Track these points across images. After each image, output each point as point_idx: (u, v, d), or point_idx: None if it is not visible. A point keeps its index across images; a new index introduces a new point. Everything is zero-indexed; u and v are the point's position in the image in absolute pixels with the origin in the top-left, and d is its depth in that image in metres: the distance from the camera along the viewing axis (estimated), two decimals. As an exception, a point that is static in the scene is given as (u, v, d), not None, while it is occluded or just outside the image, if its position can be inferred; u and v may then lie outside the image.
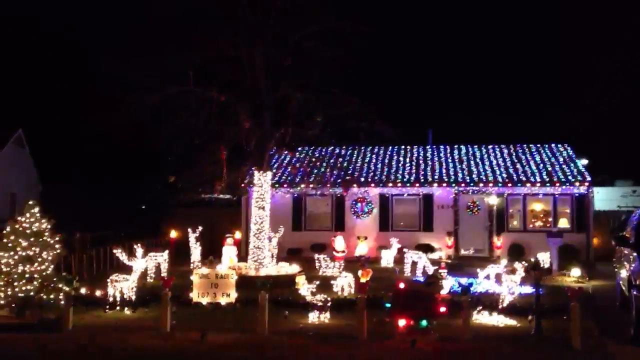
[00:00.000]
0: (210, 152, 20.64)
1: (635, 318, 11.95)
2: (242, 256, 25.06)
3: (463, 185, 28.04)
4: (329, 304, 13.22)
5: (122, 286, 14.93)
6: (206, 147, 20.41)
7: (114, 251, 17.75)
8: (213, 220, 30.21)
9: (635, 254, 12.79)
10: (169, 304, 12.75)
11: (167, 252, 20.67)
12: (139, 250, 17.70)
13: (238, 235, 26.97)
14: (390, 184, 28.44)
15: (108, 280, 15.05)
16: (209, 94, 20.24)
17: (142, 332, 12.47)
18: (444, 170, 29.24)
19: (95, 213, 36.52)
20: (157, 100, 20.15)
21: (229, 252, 22.01)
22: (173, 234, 27.59)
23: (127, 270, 16.74)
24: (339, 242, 24.29)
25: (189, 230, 23.24)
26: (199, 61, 20.40)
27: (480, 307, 13.09)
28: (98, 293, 14.39)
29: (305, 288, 14.53)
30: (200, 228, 23.23)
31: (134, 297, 14.34)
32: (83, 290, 14.40)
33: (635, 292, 12.03)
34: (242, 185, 21.47)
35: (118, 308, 13.73)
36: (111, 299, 14.09)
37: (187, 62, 20.06)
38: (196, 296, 12.99)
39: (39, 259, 13.60)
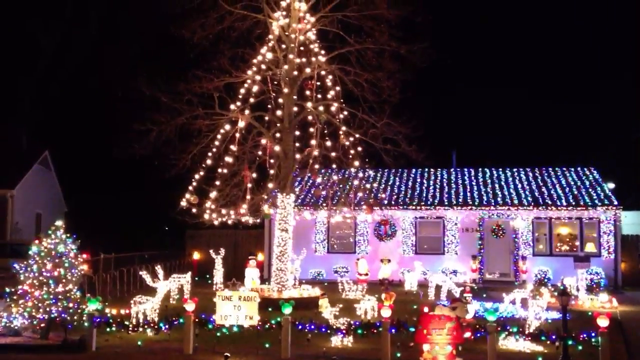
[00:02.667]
0: (233, 174, 20.74)
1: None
2: (265, 278, 25.02)
3: (488, 208, 27.77)
4: (352, 328, 13.08)
5: (145, 307, 14.96)
6: (230, 168, 20.51)
7: (140, 273, 17.81)
8: (236, 241, 30.29)
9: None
10: (191, 326, 12.73)
11: (189, 273, 20.69)
12: (160, 271, 17.72)
13: (261, 257, 26.96)
14: (414, 207, 28.28)
15: (131, 301, 15.10)
16: (234, 116, 20.41)
17: (165, 354, 12.46)
18: (468, 194, 29.02)
19: (120, 234, 36.80)
20: (184, 121, 20.41)
21: (251, 274, 21.97)
22: (196, 255, 27.68)
23: (151, 291, 16.78)
24: (362, 265, 24.14)
25: (211, 251, 23.27)
26: (225, 84, 20.67)
27: (507, 333, 12.85)
28: (122, 314, 14.42)
29: (328, 311, 14.45)
30: (223, 250, 23.26)
31: (156, 319, 14.35)
32: (107, 312, 14.45)
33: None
34: (266, 206, 21.44)
35: (141, 329, 13.72)
36: (134, 320, 14.11)
37: (213, 85, 20.31)
38: (219, 318, 12.95)
39: (64, 280, 13.68)
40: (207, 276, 24.42)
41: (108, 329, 13.47)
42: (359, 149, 21.21)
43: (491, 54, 62.35)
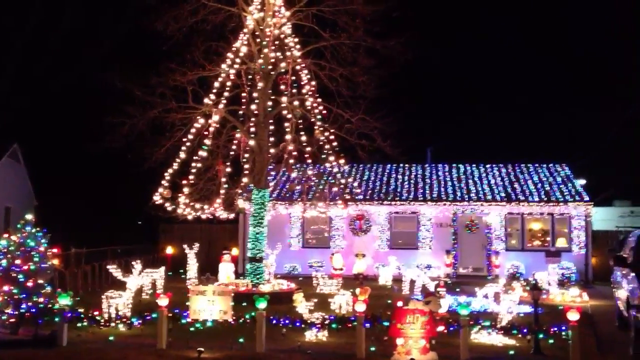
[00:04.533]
0: (207, 168, 20.60)
1: (634, 338, 11.86)
2: (240, 273, 24.92)
3: (462, 204, 27.99)
4: (326, 322, 13.09)
5: (118, 302, 14.81)
6: (203, 162, 20.36)
7: (108, 267, 17.62)
8: (211, 236, 30.11)
9: (633, 274, 12.73)
10: (164, 321, 12.62)
11: (163, 268, 20.53)
12: (137, 266, 17.57)
13: (235, 251, 26.83)
14: (389, 202, 28.38)
15: (103, 296, 14.93)
16: (209, 110, 20.26)
17: (138, 350, 12.32)
18: (442, 189, 29.21)
19: (91, 228, 36.38)
20: (157, 115, 20.21)
21: (226, 268, 21.84)
22: (169, 250, 27.47)
23: (123, 286, 16.62)
24: (337, 260, 24.18)
25: (185, 246, 23.11)
26: (199, 78, 20.52)
27: (479, 326, 12.97)
28: (93, 309, 14.24)
29: (303, 305, 14.44)
30: (197, 245, 23.11)
31: (129, 314, 14.21)
32: (78, 307, 14.26)
33: (634, 312, 11.94)
34: (240, 201, 21.32)
35: (113, 324, 13.57)
36: (106, 316, 13.96)
37: (187, 78, 20.15)
38: (193, 313, 12.86)
39: (33, 275, 13.46)
40: (181, 271, 24.25)
41: (79, 324, 13.27)
42: (334, 144, 21.21)
43: (466, 52, 62.85)
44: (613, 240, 27.52)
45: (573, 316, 11.49)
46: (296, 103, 20.63)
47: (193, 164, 20.30)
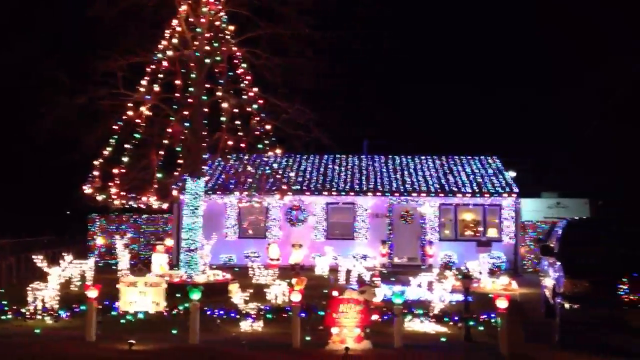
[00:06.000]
0: (140, 157, 20.09)
1: (559, 324, 12.27)
2: (174, 264, 24.52)
3: (397, 194, 28.37)
4: (262, 312, 13.02)
5: (44, 295, 14.31)
6: (136, 151, 19.84)
7: (33, 257, 16.97)
8: (144, 226, 29.47)
9: (559, 263, 13.14)
10: (93, 312, 12.26)
11: (92, 259, 19.96)
12: (67, 257, 16.98)
13: (169, 242, 26.39)
14: (325, 193, 28.48)
15: (28, 288, 14.39)
16: (140, 97, 19.73)
17: (65, 342, 11.95)
18: (378, 180, 29.51)
19: (17, 218, 35.06)
20: (85, 101, 19.54)
21: (159, 259, 21.47)
22: (100, 240, 26.77)
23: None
24: (273, 250, 24.11)
25: (117, 236, 22.55)
26: (131, 64, 19.97)
27: (412, 315, 13.17)
28: (18, 302, 13.73)
29: (238, 296, 14.32)
30: (128, 235, 22.59)
31: (56, 306, 13.76)
32: (2, 299, 13.71)
33: (559, 300, 12.35)
34: (175, 190, 20.92)
35: (40, 317, 13.11)
36: (32, 308, 13.47)
37: (118, 64, 19.57)
38: (123, 305, 12.56)
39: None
40: (112, 262, 23.68)
41: (4, 317, 12.83)
42: (271, 134, 21.05)
43: (402, 44, 63.46)
44: (541, 231, 28.49)
45: (502, 304, 11.79)
46: (231, 92, 20.35)
47: (125, 153, 19.75)
